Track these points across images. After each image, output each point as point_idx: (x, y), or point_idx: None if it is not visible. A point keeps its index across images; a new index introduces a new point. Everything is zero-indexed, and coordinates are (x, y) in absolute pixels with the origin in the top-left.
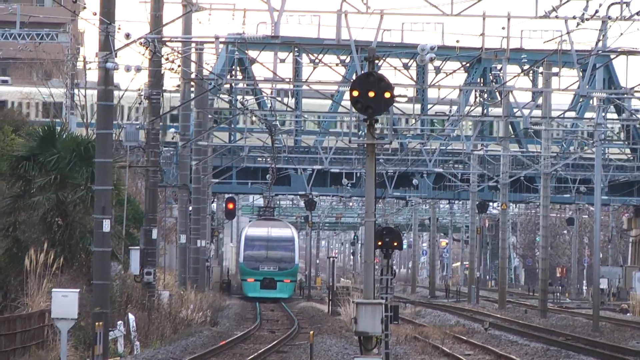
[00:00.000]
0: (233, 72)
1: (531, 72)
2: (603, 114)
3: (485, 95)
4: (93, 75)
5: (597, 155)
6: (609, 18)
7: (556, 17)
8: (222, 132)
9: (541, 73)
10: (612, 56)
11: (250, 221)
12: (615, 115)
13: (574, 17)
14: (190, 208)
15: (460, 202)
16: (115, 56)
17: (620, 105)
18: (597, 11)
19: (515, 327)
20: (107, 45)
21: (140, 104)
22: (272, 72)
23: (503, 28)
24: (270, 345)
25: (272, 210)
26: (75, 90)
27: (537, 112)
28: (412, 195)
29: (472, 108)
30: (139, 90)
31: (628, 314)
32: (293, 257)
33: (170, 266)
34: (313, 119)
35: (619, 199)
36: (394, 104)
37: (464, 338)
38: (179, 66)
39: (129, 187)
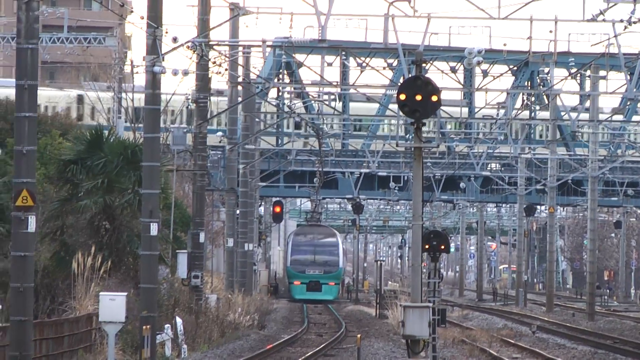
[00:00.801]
0: (280, 76)
1: (578, 75)
2: None
3: (533, 99)
4: (140, 79)
5: None
6: None
7: (603, 20)
8: (269, 136)
9: (588, 76)
10: None
11: (297, 226)
12: None
13: (621, 21)
14: (238, 211)
15: (508, 206)
16: (163, 60)
17: None
18: None
19: (562, 330)
20: (154, 49)
21: (187, 107)
22: (319, 76)
23: (550, 31)
24: (317, 349)
25: (318, 216)
26: (123, 94)
27: (585, 116)
28: (459, 198)
29: (520, 111)
30: (187, 94)
31: None
32: (337, 261)
33: (217, 270)
34: (360, 123)
35: None
36: (441, 107)
37: (512, 341)
38: (226, 70)
39: (176, 191)
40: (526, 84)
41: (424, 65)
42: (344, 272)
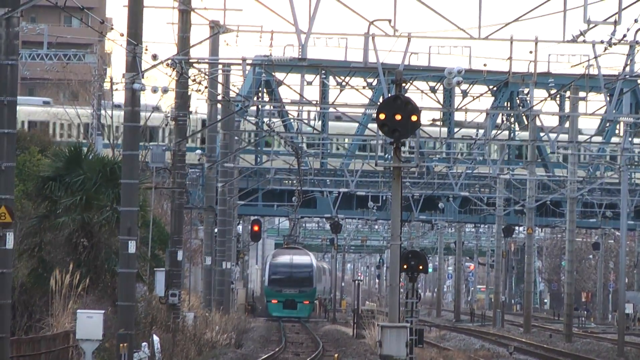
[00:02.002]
0: (260, 94)
1: (558, 96)
2: (630, 139)
3: (512, 119)
4: (120, 96)
5: (624, 180)
6: (637, 43)
7: (584, 41)
8: (248, 154)
9: (568, 97)
10: (639, 81)
11: (275, 246)
12: None
13: (602, 42)
14: (216, 230)
15: (486, 226)
16: (142, 77)
17: None
18: (624, 36)
19: (540, 351)
20: (134, 66)
21: (166, 125)
22: (299, 95)
23: (530, 52)
24: None
25: (295, 239)
26: (102, 111)
27: (564, 137)
28: (438, 218)
29: (499, 132)
30: (166, 112)
31: None
32: (312, 282)
33: (195, 288)
34: (340, 142)
35: None
36: (421, 127)
37: None
38: (205, 87)
39: (155, 209)
40: (506, 104)
41: (403, 84)
42: (318, 292)
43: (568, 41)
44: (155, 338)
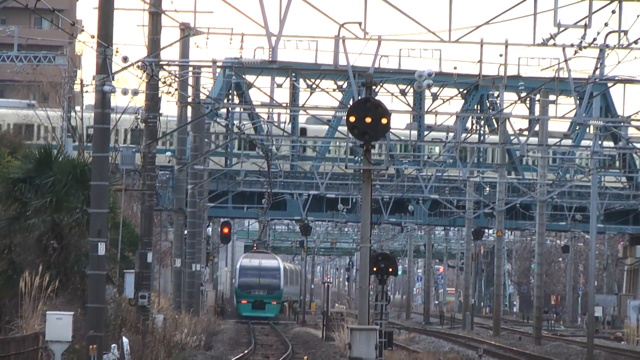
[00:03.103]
0: (230, 97)
1: (528, 99)
2: (599, 142)
3: (482, 122)
4: (90, 98)
5: (593, 183)
6: (607, 46)
7: (554, 44)
8: (218, 157)
9: (538, 100)
10: (609, 84)
11: (244, 249)
12: (611, 144)
13: (572, 45)
14: (186, 232)
15: (456, 229)
16: (113, 79)
17: (616, 133)
18: (594, 39)
19: (509, 354)
20: (104, 68)
21: (136, 127)
22: (269, 97)
23: (500, 55)
24: None
25: (264, 243)
26: (72, 113)
27: (534, 140)
28: (407, 221)
29: (469, 135)
30: (136, 113)
31: (622, 342)
32: (279, 284)
33: (165, 290)
34: (310, 145)
35: (615, 227)
36: (390, 130)
37: None
38: (176, 90)
39: (125, 211)
40: (476, 107)
41: (374, 87)
42: (286, 294)
43: (538, 44)
44: (125, 340)
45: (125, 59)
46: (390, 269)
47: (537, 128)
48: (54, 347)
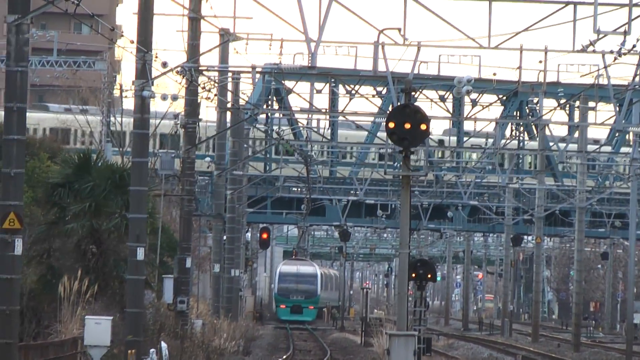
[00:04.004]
0: (269, 102)
1: (567, 106)
2: (639, 149)
3: (522, 129)
4: (129, 103)
5: (633, 190)
6: None
7: (593, 51)
8: (257, 162)
9: (577, 107)
10: None
11: (283, 254)
12: None
13: (611, 52)
14: (225, 237)
15: (495, 235)
16: (152, 84)
17: None
18: (634, 46)
19: None
20: (143, 74)
21: (176, 132)
22: (308, 103)
23: (540, 61)
24: None
25: (302, 250)
26: (112, 118)
27: (573, 146)
28: (446, 227)
29: (508, 141)
30: (175, 119)
31: None
32: (316, 290)
33: (203, 295)
34: (348, 150)
35: None
36: (430, 136)
37: None
38: (215, 95)
39: (164, 216)
40: (515, 113)
41: (413, 93)
42: (322, 299)
43: (578, 51)
44: (164, 345)
45: (164, 64)
46: (429, 275)
47: (576, 135)
48: (92, 352)
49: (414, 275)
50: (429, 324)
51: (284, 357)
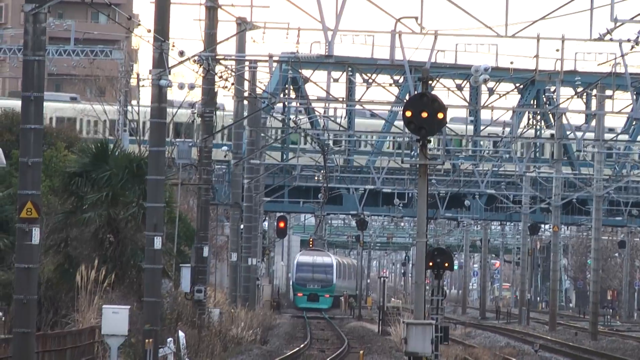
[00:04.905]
0: (286, 91)
1: (585, 94)
2: None
3: (539, 117)
4: (147, 93)
5: None
6: None
7: (610, 39)
8: (274, 151)
9: (595, 96)
10: None
11: (300, 243)
12: None
13: (629, 40)
14: (242, 226)
15: (512, 224)
16: (169, 73)
17: None
18: None
19: (565, 349)
20: (160, 63)
21: (193, 121)
22: (325, 92)
23: (557, 50)
24: None
25: (320, 239)
26: (129, 107)
27: (590, 135)
28: (463, 216)
29: (525, 130)
30: (192, 108)
31: None
32: (331, 279)
33: (221, 284)
34: (366, 139)
35: None
36: (447, 125)
37: None
38: (232, 84)
39: (181, 205)
40: (532, 102)
41: (430, 82)
42: (339, 287)
43: (595, 39)
44: (181, 334)
45: (181, 53)
46: (446, 264)
47: (593, 123)
48: (110, 341)
49: (431, 264)
50: (447, 313)
51: (302, 346)
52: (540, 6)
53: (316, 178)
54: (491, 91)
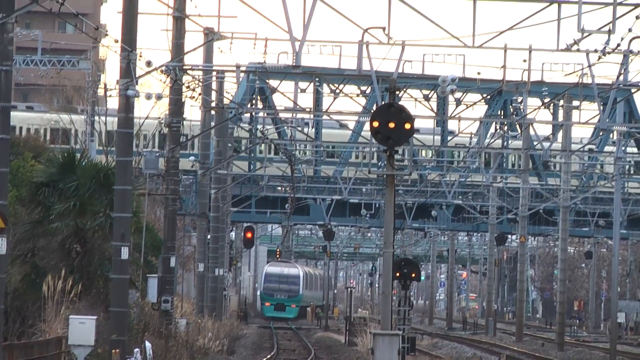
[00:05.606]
0: (254, 101)
1: (552, 104)
2: (623, 148)
3: (506, 128)
4: (114, 103)
5: (617, 189)
6: (631, 52)
7: (577, 50)
8: (241, 161)
9: (562, 106)
10: (633, 90)
11: (267, 254)
12: (635, 150)
13: (596, 51)
14: (209, 236)
15: (479, 234)
16: (136, 84)
17: None
18: (618, 45)
19: None
20: (128, 73)
21: (160, 132)
22: (292, 102)
23: (524, 60)
24: None
25: (287, 249)
26: (96, 117)
27: (557, 145)
28: (430, 226)
29: (492, 140)
30: (159, 118)
31: None
32: (298, 289)
33: (188, 294)
34: (333, 150)
35: (638, 233)
36: (414, 135)
37: None
38: (199, 94)
39: (148, 215)
40: (499, 112)
41: (397, 92)
42: (306, 298)
43: (562, 50)
44: (148, 344)
45: (149, 64)
46: (413, 274)
47: (560, 134)
48: (76, 351)
49: (398, 274)
50: (413, 323)
51: (268, 356)
52: (508, 17)
53: (280, 189)
54: (458, 101)
